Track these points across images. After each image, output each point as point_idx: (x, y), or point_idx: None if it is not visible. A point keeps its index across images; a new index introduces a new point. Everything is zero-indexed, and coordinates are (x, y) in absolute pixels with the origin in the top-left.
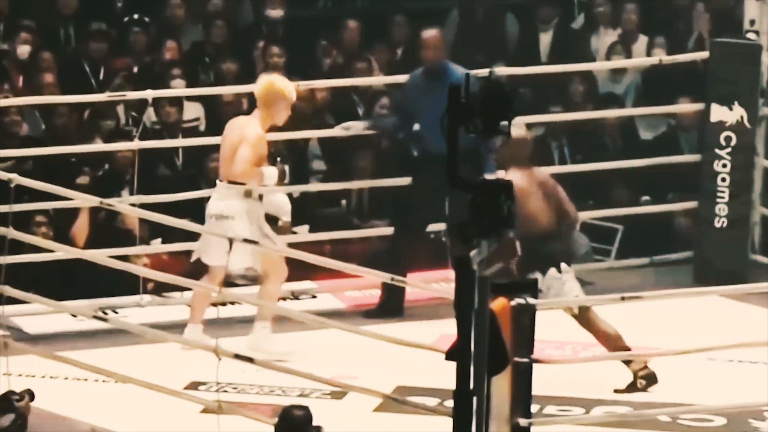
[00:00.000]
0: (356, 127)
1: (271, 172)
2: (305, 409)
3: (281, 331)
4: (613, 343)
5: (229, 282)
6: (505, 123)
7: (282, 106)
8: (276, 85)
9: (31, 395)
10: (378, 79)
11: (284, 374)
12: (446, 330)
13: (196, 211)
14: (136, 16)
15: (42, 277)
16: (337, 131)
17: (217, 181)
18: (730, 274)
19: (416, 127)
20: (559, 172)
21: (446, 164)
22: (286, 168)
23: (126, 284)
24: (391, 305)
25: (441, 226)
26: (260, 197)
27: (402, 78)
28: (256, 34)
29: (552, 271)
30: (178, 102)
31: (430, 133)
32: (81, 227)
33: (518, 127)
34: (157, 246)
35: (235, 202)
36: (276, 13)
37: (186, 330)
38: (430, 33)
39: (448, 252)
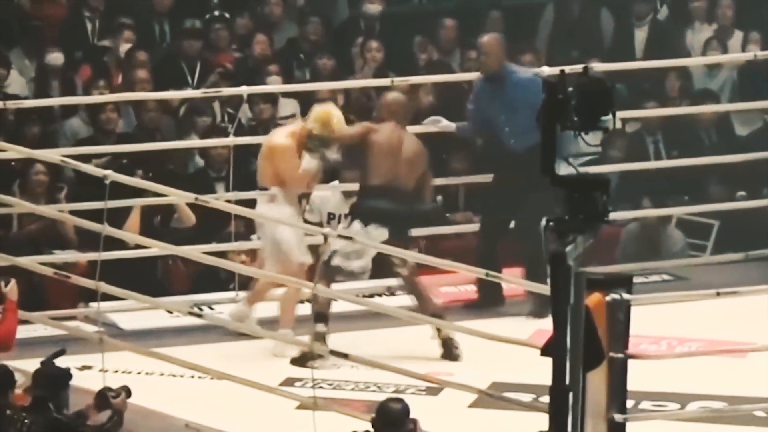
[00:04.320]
0: (445, 124)
1: (309, 164)
2: (402, 402)
3: (377, 327)
4: (430, 306)
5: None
6: (607, 118)
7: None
8: (331, 115)
9: (128, 392)
10: (471, 75)
11: (379, 370)
12: (542, 325)
13: None
14: (216, 13)
15: (138, 274)
16: (428, 122)
17: None
18: None
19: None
20: (655, 167)
21: (543, 160)
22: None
23: (221, 280)
24: (491, 298)
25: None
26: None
27: None
28: (352, 30)
29: (372, 227)
30: (272, 98)
31: (502, 135)
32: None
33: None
34: (254, 243)
35: (260, 207)
36: (374, 8)
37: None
38: (485, 38)
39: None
